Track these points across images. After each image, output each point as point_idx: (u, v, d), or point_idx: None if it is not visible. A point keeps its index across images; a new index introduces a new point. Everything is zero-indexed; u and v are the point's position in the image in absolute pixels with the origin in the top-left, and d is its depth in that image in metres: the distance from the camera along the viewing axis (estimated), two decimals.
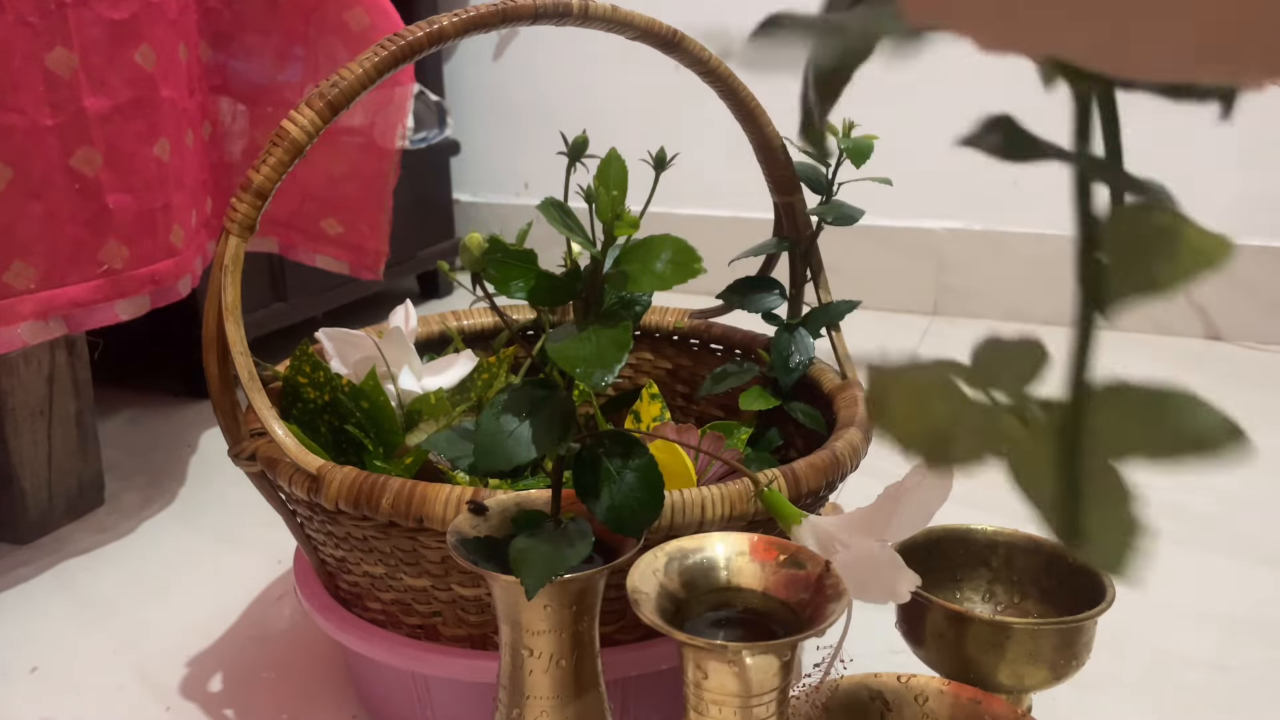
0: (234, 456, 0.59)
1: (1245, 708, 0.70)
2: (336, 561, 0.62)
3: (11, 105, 0.71)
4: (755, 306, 0.74)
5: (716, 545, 0.48)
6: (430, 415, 0.70)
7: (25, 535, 0.93)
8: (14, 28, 0.70)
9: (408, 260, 1.57)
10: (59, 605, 0.84)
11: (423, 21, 0.56)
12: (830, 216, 0.71)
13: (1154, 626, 0.78)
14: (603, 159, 0.45)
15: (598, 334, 0.43)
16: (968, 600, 0.66)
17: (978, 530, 0.66)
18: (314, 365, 0.69)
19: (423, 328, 0.81)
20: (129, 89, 0.77)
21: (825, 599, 0.44)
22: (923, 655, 0.61)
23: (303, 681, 0.73)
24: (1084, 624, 0.57)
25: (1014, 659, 0.57)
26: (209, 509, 1.00)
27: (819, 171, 0.73)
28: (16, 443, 0.91)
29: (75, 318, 0.78)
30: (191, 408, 1.23)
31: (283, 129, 0.54)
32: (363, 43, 0.95)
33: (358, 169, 1.03)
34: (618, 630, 0.59)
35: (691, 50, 0.65)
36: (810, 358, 0.74)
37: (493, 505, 0.50)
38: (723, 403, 0.84)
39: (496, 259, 0.45)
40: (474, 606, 0.58)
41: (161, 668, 0.75)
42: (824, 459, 0.59)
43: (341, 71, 0.55)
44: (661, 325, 0.86)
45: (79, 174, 0.75)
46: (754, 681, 0.42)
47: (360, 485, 0.54)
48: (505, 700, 0.48)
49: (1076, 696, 0.69)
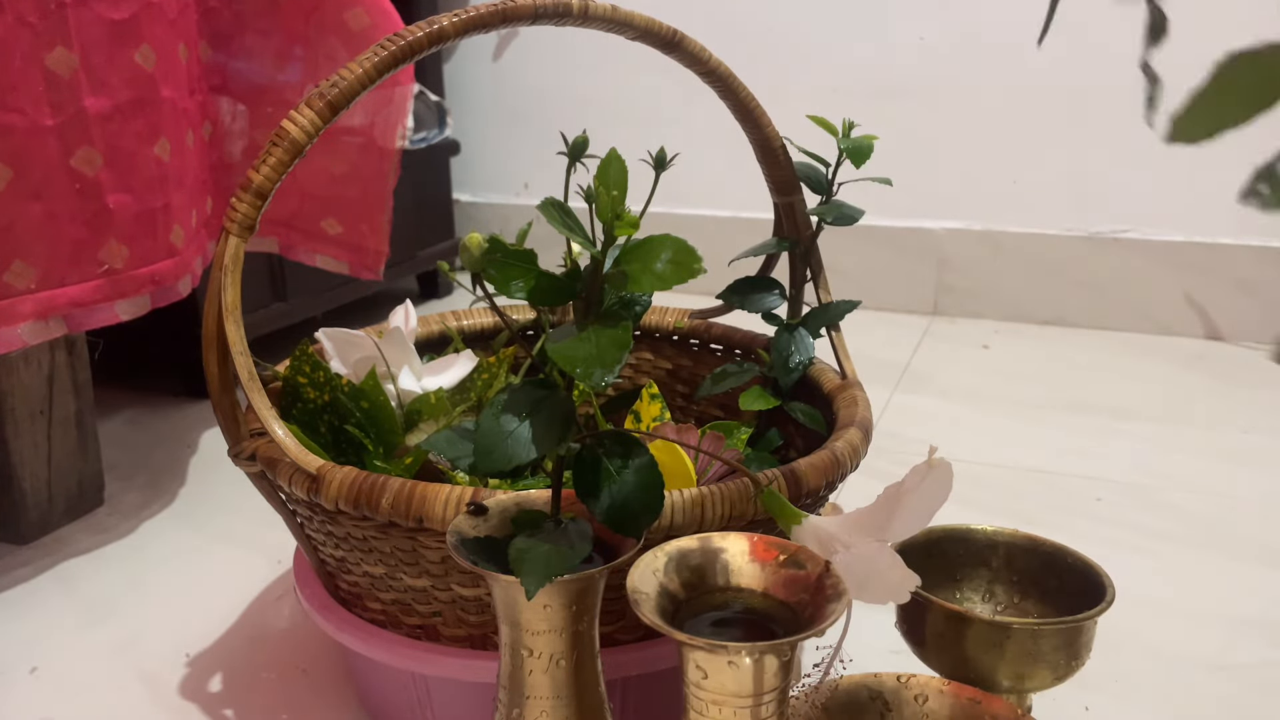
0: (234, 456, 0.59)
1: (1246, 708, 0.70)
2: (336, 561, 0.62)
3: (12, 105, 0.71)
4: (755, 306, 0.74)
5: (716, 545, 0.48)
6: (430, 415, 0.70)
7: (25, 535, 0.93)
8: (14, 28, 0.70)
9: (408, 260, 1.57)
10: (59, 605, 0.84)
11: (423, 21, 0.56)
12: (830, 216, 0.71)
13: (1154, 626, 0.78)
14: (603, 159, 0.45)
15: (598, 334, 0.43)
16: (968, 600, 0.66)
17: (978, 530, 0.66)
18: (314, 365, 0.69)
19: (423, 328, 0.81)
20: (129, 89, 0.77)
21: (825, 599, 0.44)
22: (923, 655, 0.61)
23: (303, 681, 0.73)
24: (1084, 624, 0.57)
25: (1014, 659, 0.57)
26: (209, 509, 1.00)
27: (819, 171, 0.73)
28: (16, 443, 0.91)
29: (75, 318, 0.78)
30: (191, 408, 1.24)
31: (283, 129, 0.54)
32: (363, 43, 0.95)
33: (358, 169, 1.03)
34: (618, 630, 0.59)
35: (691, 50, 0.64)
36: (810, 358, 0.74)
37: (493, 505, 0.50)
38: (723, 403, 0.84)
39: (496, 259, 0.45)
40: (474, 606, 0.58)
41: (161, 668, 0.75)
42: (824, 459, 0.59)
43: (341, 71, 0.55)
44: (661, 325, 0.86)
45: (79, 174, 0.75)
46: (754, 681, 0.42)
47: (360, 485, 0.54)
48: (505, 700, 0.48)
49: (1076, 696, 0.69)
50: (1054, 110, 1.50)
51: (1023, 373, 1.37)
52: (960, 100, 1.55)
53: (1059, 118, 1.50)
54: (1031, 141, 1.53)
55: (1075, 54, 1.47)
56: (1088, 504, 0.98)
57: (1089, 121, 1.49)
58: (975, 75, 1.54)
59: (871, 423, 0.67)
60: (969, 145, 1.56)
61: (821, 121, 0.71)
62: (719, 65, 0.66)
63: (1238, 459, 1.08)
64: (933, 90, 1.56)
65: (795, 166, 0.72)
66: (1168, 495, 1.00)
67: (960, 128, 1.56)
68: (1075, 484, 1.02)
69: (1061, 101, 1.50)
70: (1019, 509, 0.97)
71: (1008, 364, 1.41)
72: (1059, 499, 0.99)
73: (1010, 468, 1.06)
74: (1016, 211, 1.56)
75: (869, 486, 0.59)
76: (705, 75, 0.67)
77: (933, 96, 1.56)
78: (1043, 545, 0.65)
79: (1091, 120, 1.49)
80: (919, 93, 1.56)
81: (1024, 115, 1.52)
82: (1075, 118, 1.49)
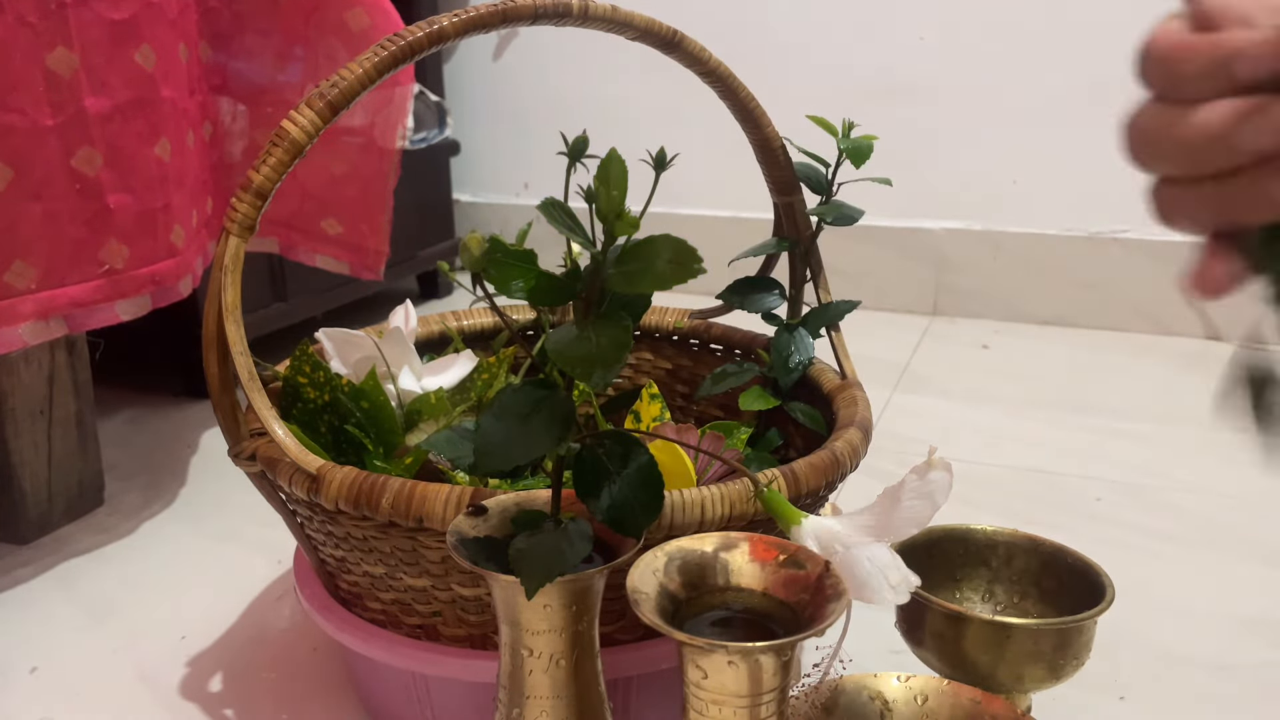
0: (234, 456, 0.59)
1: (1246, 708, 0.70)
2: (336, 561, 0.62)
3: (12, 105, 0.71)
4: (755, 306, 0.74)
5: (716, 545, 0.48)
6: (430, 415, 0.70)
7: (25, 535, 0.93)
8: (14, 28, 0.70)
9: (408, 260, 1.57)
10: (59, 605, 0.84)
11: (423, 21, 0.56)
12: (830, 216, 0.71)
13: (1154, 626, 0.78)
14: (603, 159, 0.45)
15: (598, 334, 0.43)
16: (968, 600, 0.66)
17: (977, 530, 0.66)
18: (314, 365, 0.69)
19: (423, 328, 0.81)
20: (129, 89, 0.77)
21: (825, 599, 0.44)
22: (922, 655, 0.61)
23: (303, 681, 0.73)
24: (1084, 624, 0.57)
25: (1014, 659, 0.57)
26: (209, 509, 1.00)
27: (819, 171, 0.73)
28: (16, 443, 0.91)
29: (76, 318, 0.78)
30: (191, 408, 1.24)
31: (283, 129, 0.54)
32: (363, 43, 0.95)
33: (358, 169, 1.03)
34: (618, 630, 0.59)
35: (691, 50, 0.65)
36: (810, 358, 0.74)
37: (493, 505, 0.50)
38: (723, 403, 0.84)
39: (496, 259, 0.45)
40: (474, 606, 0.58)
41: (161, 668, 0.75)
42: (824, 459, 0.59)
43: (341, 71, 0.55)
44: (661, 325, 0.86)
45: (79, 174, 0.75)
46: (753, 681, 0.42)
47: (360, 485, 0.54)
48: (505, 700, 0.48)
49: (1076, 696, 0.69)
50: (1054, 110, 1.50)
51: (1023, 373, 1.37)
52: (960, 100, 1.55)
53: (1059, 118, 1.50)
54: (1031, 141, 1.53)
55: (1075, 54, 1.47)
56: (1088, 504, 0.98)
57: (1089, 121, 1.49)
58: (975, 75, 1.54)
59: (871, 423, 0.67)
60: (969, 145, 1.56)
61: (821, 121, 0.71)
62: (719, 65, 0.66)
63: (1238, 459, 1.08)
64: (933, 90, 1.56)
65: (795, 167, 0.72)
66: (1168, 495, 1.00)
67: (960, 128, 1.56)
68: (1075, 484, 1.02)
69: (1062, 101, 1.50)
70: (1019, 509, 0.97)
71: (1008, 364, 1.41)
72: (1059, 499, 0.99)
73: (1010, 468, 1.06)
74: (1016, 211, 1.56)
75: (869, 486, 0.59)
76: (705, 75, 0.67)
77: (933, 96, 1.56)
78: (1043, 545, 0.65)
79: (1091, 120, 1.49)
80: (919, 93, 1.56)
81: (1024, 115, 1.52)
82: (1076, 118, 1.49)
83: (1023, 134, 1.53)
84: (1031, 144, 1.53)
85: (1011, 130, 1.53)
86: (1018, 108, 1.52)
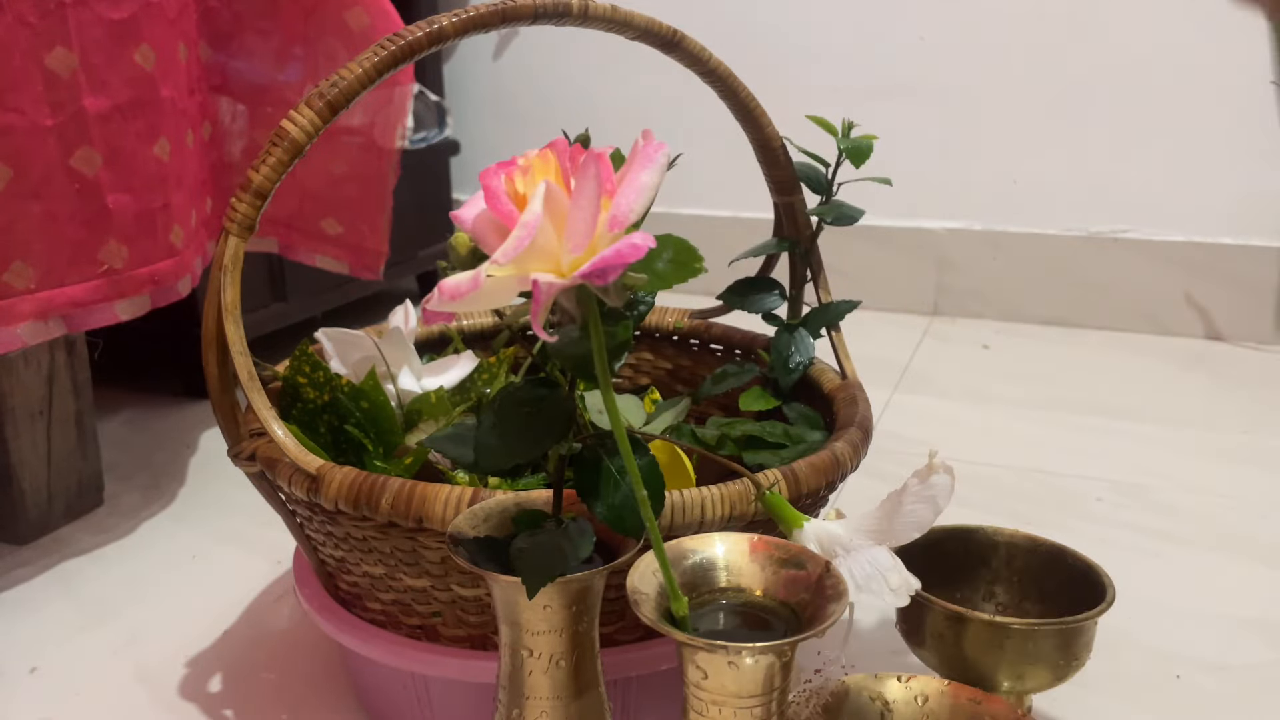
0: (234, 457, 0.59)
1: (1246, 708, 0.70)
2: (336, 562, 0.62)
3: (11, 105, 0.71)
4: (755, 307, 0.74)
5: (716, 545, 0.48)
6: (430, 415, 0.70)
7: (25, 535, 0.93)
8: (14, 28, 0.70)
9: (408, 260, 1.56)
10: (59, 605, 0.84)
11: (423, 21, 0.56)
12: (830, 216, 0.71)
13: (1154, 626, 0.78)
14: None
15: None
16: (968, 600, 0.66)
17: (978, 530, 0.66)
18: (314, 365, 0.69)
19: (422, 328, 0.81)
20: (129, 89, 0.77)
21: (825, 599, 0.44)
22: (923, 655, 0.61)
23: (303, 681, 0.73)
24: (1084, 624, 0.57)
25: (1014, 659, 0.57)
26: (209, 509, 0.99)
27: (819, 171, 0.73)
28: (16, 443, 0.91)
29: (75, 318, 0.77)
30: (191, 408, 1.23)
31: (282, 129, 0.54)
32: (363, 43, 0.95)
33: (358, 169, 1.03)
34: (618, 630, 0.59)
35: (691, 50, 0.64)
36: (810, 358, 0.74)
37: (493, 505, 0.50)
38: (723, 403, 0.84)
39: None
40: (474, 607, 0.58)
41: (161, 668, 0.75)
42: (824, 459, 0.59)
43: (341, 71, 0.55)
44: (661, 325, 0.86)
45: (79, 174, 0.75)
46: (754, 682, 0.42)
47: (360, 485, 0.54)
48: (505, 700, 0.48)
49: (1076, 696, 0.69)
50: (1054, 110, 1.50)
51: (1023, 373, 1.37)
52: (960, 100, 1.55)
53: (1059, 117, 1.50)
54: (1031, 141, 1.53)
55: (1076, 54, 1.47)
56: (1088, 504, 0.98)
57: (1089, 121, 1.49)
58: (975, 75, 1.54)
59: (871, 423, 0.67)
60: (969, 145, 1.56)
61: (821, 121, 0.71)
62: (719, 65, 0.66)
63: (1238, 459, 1.08)
64: (933, 90, 1.56)
65: (795, 166, 0.72)
66: (1168, 495, 1.00)
67: (960, 128, 1.56)
68: (1075, 484, 1.02)
69: (1062, 101, 1.50)
70: (1019, 509, 0.97)
71: (1008, 364, 1.41)
72: (1059, 499, 0.99)
73: (1010, 468, 1.06)
74: (1016, 211, 1.56)
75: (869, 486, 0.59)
76: (705, 75, 0.66)
77: (933, 96, 1.56)
78: (1043, 545, 0.65)
79: (1091, 119, 1.49)
80: (919, 93, 1.56)
81: (1024, 115, 1.52)
82: (1076, 117, 1.49)
83: (1023, 134, 1.53)
84: (1031, 144, 1.53)
85: (1011, 130, 1.53)
86: (1018, 108, 1.52)
